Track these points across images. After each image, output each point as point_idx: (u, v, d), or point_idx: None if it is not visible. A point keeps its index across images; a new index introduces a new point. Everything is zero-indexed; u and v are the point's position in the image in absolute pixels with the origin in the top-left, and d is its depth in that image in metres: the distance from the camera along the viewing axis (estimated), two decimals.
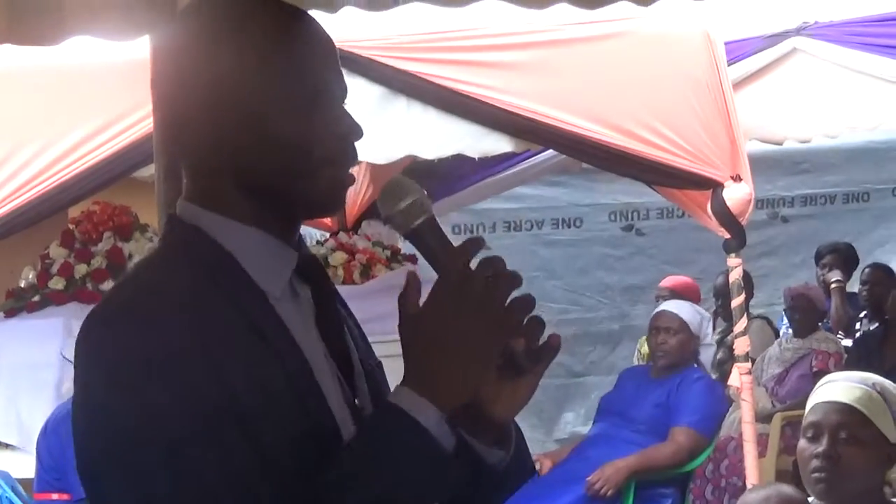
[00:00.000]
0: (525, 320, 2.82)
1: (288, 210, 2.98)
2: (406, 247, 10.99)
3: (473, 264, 2.79)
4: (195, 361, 2.70)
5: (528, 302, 2.80)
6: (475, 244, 2.83)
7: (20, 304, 10.68)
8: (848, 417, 5.15)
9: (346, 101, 2.99)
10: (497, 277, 2.78)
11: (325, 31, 3.00)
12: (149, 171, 5.18)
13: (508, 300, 2.78)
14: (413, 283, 2.94)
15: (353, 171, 3.05)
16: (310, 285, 3.04)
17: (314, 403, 2.85)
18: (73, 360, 8.72)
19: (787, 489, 5.53)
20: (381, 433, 2.78)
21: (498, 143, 9.66)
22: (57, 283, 10.59)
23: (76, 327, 8.62)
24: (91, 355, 2.82)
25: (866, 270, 13.44)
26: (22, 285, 10.83)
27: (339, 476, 2.74)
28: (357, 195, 11.60)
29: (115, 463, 2.72)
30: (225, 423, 2.68)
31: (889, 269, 13.21)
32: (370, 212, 11.27)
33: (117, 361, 2.73)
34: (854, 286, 13.54)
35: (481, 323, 2.75)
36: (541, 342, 2.90)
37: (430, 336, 2.79)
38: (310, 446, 2.80)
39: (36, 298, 10.63)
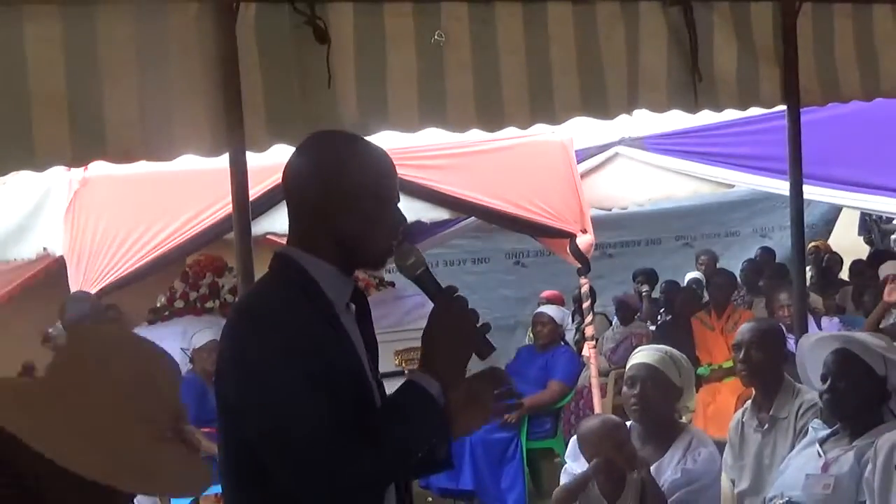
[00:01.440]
0: (480, 328, 3.12)
1: (354, 259, 3.16)
2: (388, 277, 10.98)
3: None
4: (303, 346, 2.89)
5: (485, 325, 3.13)
6: (453, 289, 3.15)
7: (157, 317, 10.64)
8: (651, 372, 5.14)
9: (398, 202, 3.20)
10: (465, 307, 3.09)
11: (388, 157, 3.20)
12: (231, 235, 5.19)
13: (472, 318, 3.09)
14: None
15: None
16: (356, 304, 3.22)
17: (360, 377, 3.09)
18: (190, 351, 8.51)
19: (612, 416, 5.57)
20: (407, 396, 3.05)
21: (440, 213, 9.70)
22: (179, 304, 10.55)
23: (189, 331, 8.53)
24: (239, 340, 3.01)
25: (663, 284, 13.41)
26: (157, 305, 10.78)
27: (381, 421, 2.99)
28: None
29: (255, 401, 2.89)
30: (320, 382, 2.87)
31: (676, 283, 13.16)
32: None
33: (256, 345, 2.92)
34: (656, 294, 13.53)
35: (460, 334, 3.07)
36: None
37: (432, 342, 3.08)
38: (358, 401, 3.00)
39: (166, 314, 10.60)
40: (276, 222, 8.10)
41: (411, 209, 9.30)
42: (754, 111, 6.39)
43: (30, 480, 2.38)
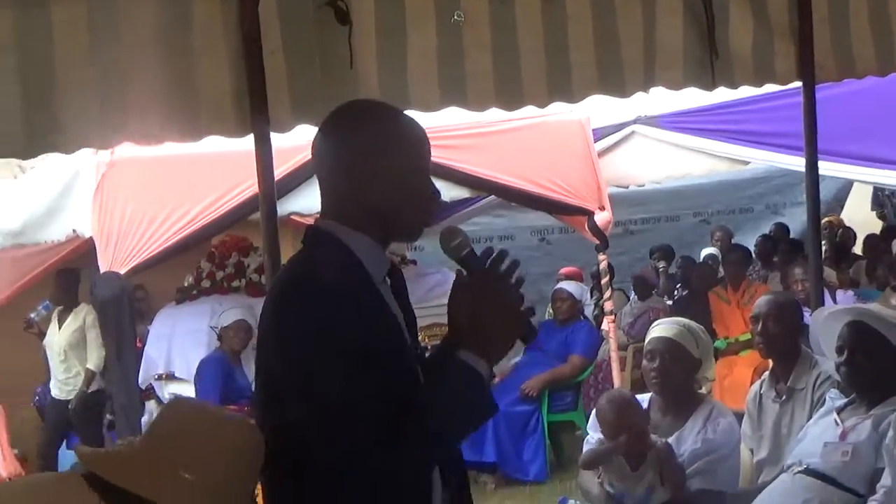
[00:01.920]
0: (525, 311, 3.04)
1: (391, 230, 3.08)
2: (410, 255, 10.97)
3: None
4: (350, 319, 2.80)
5: (530, 309, 3.07)
6: (498, 260, 3.02)
7: (185, 296, 10.68)
8: (669, 345, 5.13)
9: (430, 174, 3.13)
10: (510, 289, 3.00)
11: (422, 128, 3.14)
12: (256, 215, 5.17)
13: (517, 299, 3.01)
14: None
15: None
16: (391, 278, 3.12)
17: (402, 349, 3.02)
18: (218, 329, 8.49)
19: (624, 393, 5.61)
20: (457, 377, 2.92)
21: (461, 192, 9.68)
22: (205, 283, 10.58)
23: (217, 309, 8.52)
24: (284, 314, 2.91)
25: (679, 260, 13.42)
26: (185, 285, 10.79)
27: (430, 400, 2.90)
28: None
29: (302, 377, 2.82)
30: (368, 357, 2.78)
31: (692, 259, 13.17)
32: None
33: (302, 320, 2.83)
34: (673, 269, 13.52)
35: (506, 316, 2.96)
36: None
37: (477, 322, 2.94)
38: (401, 376, 2.92)
39: (194, 293, 10.62)
40: (300, 202, 8.13)
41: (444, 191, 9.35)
42: (768, 88, 6.35)
43: None
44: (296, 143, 6.90)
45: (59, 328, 10.58)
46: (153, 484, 2.73)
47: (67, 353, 10.56)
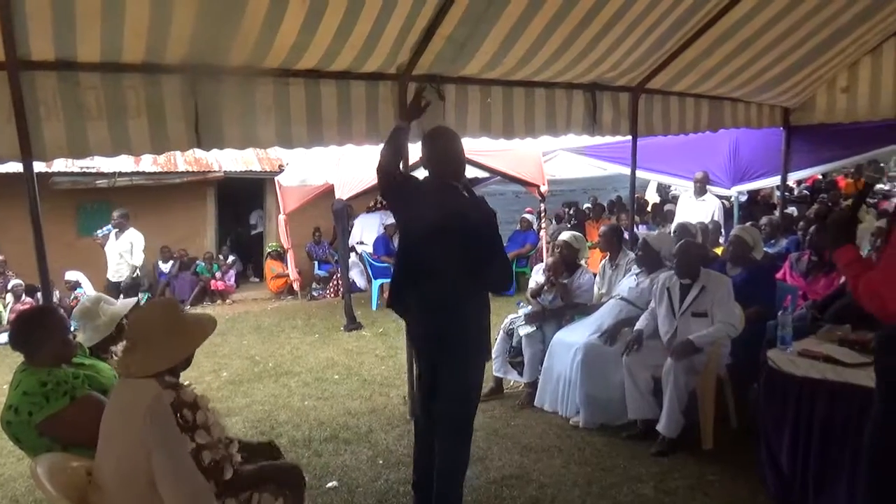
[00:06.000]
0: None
1: (461, 179, 2.89)
2: None
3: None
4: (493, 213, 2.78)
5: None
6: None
7: (369, 210, 10.58)
8: (566, 243, 4.98)
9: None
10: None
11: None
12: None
13: None
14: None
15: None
16: None
17: None
18: (384, 225, 7.94)
19: (550, 258, 5.24)
20: (397, 130, 3.09)
21: (485, 173, 9.36)
22: (377, 205, 10.43)
23: (383, 218, 8.07)
24: (466, 217, 2.76)
25: (573, 209, 12.99)
26: (370, 205, 10.61)
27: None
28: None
29: (490, 236, 2.74)
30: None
31: (581, 210, 12.73)
32: None
33: (481, 213, 2.76)
34: (571, 213, 13.01)
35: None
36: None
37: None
38: None
39: (373, 208, 10.48)
40: (419, 173, 7.94)
41: (475, 173, 9.09)
42: (618, 138, 6.11)
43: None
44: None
45: (117, 240, 7.66)
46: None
47: (122, 255, 7.61)
